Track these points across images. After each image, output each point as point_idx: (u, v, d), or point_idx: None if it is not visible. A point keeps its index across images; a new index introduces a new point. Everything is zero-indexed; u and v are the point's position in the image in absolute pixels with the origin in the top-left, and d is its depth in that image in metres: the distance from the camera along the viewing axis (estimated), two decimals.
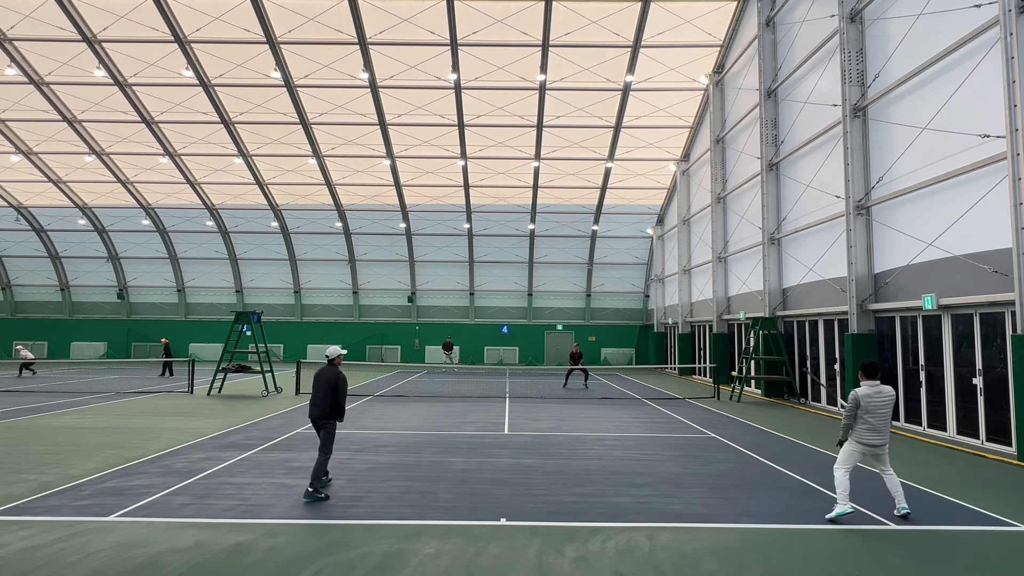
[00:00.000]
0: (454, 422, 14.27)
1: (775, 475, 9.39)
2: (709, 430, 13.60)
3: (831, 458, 10.55)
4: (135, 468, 9.47)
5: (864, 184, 15.18)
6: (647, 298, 37.78)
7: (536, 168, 30.55)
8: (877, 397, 6.90)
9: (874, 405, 6.90)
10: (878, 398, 6.90)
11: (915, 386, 13.52)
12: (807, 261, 18.23)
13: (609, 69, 25.05)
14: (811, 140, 17.77)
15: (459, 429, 13.33)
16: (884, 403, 6.91)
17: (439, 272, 37.64)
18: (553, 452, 10.99)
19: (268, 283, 38.11)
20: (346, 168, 31.62)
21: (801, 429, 13.80)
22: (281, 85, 25.80)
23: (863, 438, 6.99)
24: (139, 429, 13.00)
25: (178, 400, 18.13)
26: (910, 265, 13.52)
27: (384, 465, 9.82)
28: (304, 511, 7.33)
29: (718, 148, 25.20)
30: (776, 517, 7.29)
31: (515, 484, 8.69)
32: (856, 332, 14.90)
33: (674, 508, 7.63)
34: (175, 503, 7.62)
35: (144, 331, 38.02)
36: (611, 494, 8.22)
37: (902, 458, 10.57)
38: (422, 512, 7.36)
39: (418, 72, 25.34)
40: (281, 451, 10.81)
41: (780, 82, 19.73)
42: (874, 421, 6.92)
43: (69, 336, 38.19)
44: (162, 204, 34.91)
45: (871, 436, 6.96)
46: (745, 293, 22.78)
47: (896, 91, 14.10)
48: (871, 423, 6.93)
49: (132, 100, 26.80)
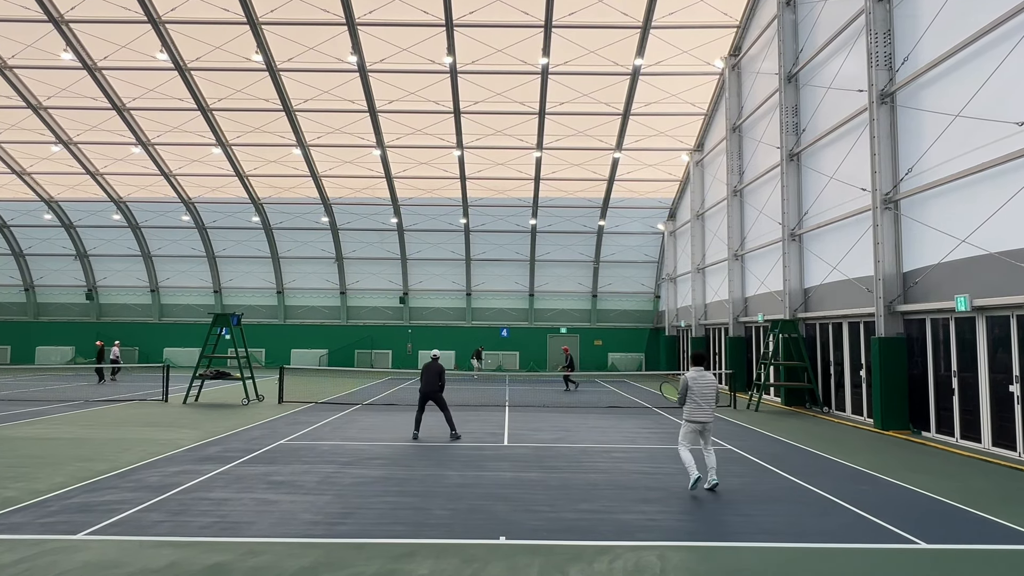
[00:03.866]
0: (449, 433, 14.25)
1: (796, 490, 9.38)
2: (725, 441, 13.58)
3: (857, 472, 10.57)
4: (105, 482, 9.46)
5: (892, 176, 15.19)
6: (658, 299, 37.80)
7: (538, 159, 30.57)
8: (701, 380, 9.04)
9: (698, 387, 9.01)
10: (702, 381, 9.03)
11: (947, 394, 13.53)
12: (830, 259, 18.23)
13: (617, 52, 25.06)
14: (835, 128, 17.76)
15: (455, 440, 13.34)
16: (706, 386, 9.02)
17: (433, 271, 37.67)
18: (556, 465, 10.98)
19: (249, 283, 38.14)
20: (333, 159, 31.64)
21: (824, 440, 13.79)
22: (263, 69, 25.81)
23: (691, 416, 9.06)
24: (110, 440, 12.98)
25: (151, 409, 18.12)
26: (942, 263, 13.52)
27: (374, 479, 9.82)
28: (287, 529, 7.33)
29: (734, 137, 25.20)
30: (797, 535, 7.29)
31: (515, 500, 8.68)
32: (883, 335, 14.91)
33: (687, 526, 7.62)
34: (148, 520, 7.61)
35: (115, 334, 37.97)
36: (619, 510, 8.21)
37: (932, 471, 10.58)
38: (415, 530, 7.35)
39: (411, 55, 25.35)
40: (263, 464, 10.80)
41: (801, 66, 19.73)
42: (700, 401, 9.01)
43: (34, 340, 38.22)
44: (134, 197, 34.93)
45: (697, 414, 9.05)
46: (764, 294, 22.78)
47: (926, 75, 14.10)
48: (697, 403, 9.02)
49: (102, 85, 26.80)
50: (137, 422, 15.56)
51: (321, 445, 12.66)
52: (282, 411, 17.86)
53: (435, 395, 13.53)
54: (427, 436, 13.82)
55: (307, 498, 8.66)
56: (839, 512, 8.22)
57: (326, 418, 16.49)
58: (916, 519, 7.87)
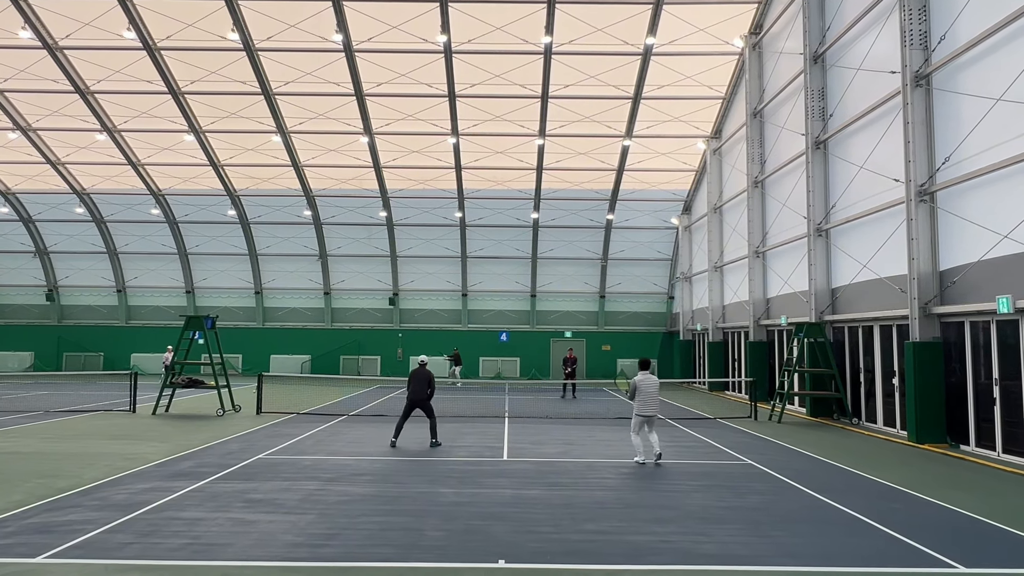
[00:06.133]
0: (444, 446, 14.28)
1: (823, 509, 9.39)
2: (745, 455, 13.60)
3: (890, 489, 10.58)
4: (67, 500, 9.46)
5: (928, 166, 15.19)
6: (671, 300, 37.82)
7: (540, 146, 30.59)
8: (646, 382, 12.40)
9: (644, 387, 12.38)
10: (647, 382, 12.39)
11: (988, 404, 13.53)
12: (860, 256, 18.24)
13: (627, 30, 25.06)
14: (865, 113, 17.77)
15: (449, 455, 13.33)
16: (650, 386, 12.36)
17: (426, 269, 37.68)
18: (560, 481, 10.99)
19: (224, 282, 38.15)
20: (316, 146, 31.65)
21: (853, 454, 13.80)
22: (240, 49, 25.81)
23: (640, 410, 12.41)
24: (72, 454, 12.98)
25: (118, 420, 18.12)
26: (982, 261, 13.52)
27: (361, 497, 9.82)
28: (266, 552, 7.32)
29: (755, 123, 25.21)
30: (823, 559, 7.29)
31: (515, 519, 8.69)
32: (918, 340, 14.91)
33: (703, 548, 7.62)
34: (114, 542, 7.60)
35: (78, 339, 38.03)
36: (629, 531, 8.22)
37: (971, 488, 10.59)
38: (406, 552, 7.35)
39: (401, 33, 25.36)
40: (239, 480, 10.81)
41: (828, 45, 19.73)
42: (645, 398, 12.34)
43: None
44: (99, 189, 34.93)
45: (643, 408, 12.38)
46: (787, 294, 22.78)
47: (965, 55, 14.09)
48: (643, 399, 12.35)
49: (63, 66, 26.81)
50: (102, 435, 15.53)
51: (303, 460, 12.65)
52: (261, 423, 17.85)
53: (424, 403, 14.21)
54: (419, 450, 13.84)
55: (288, 518, 8.66)
56: (869, 533, 8.21)
57: (309, 430, 16.49)
58: (954, 541, 7.87)
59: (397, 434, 14.37)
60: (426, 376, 14.34)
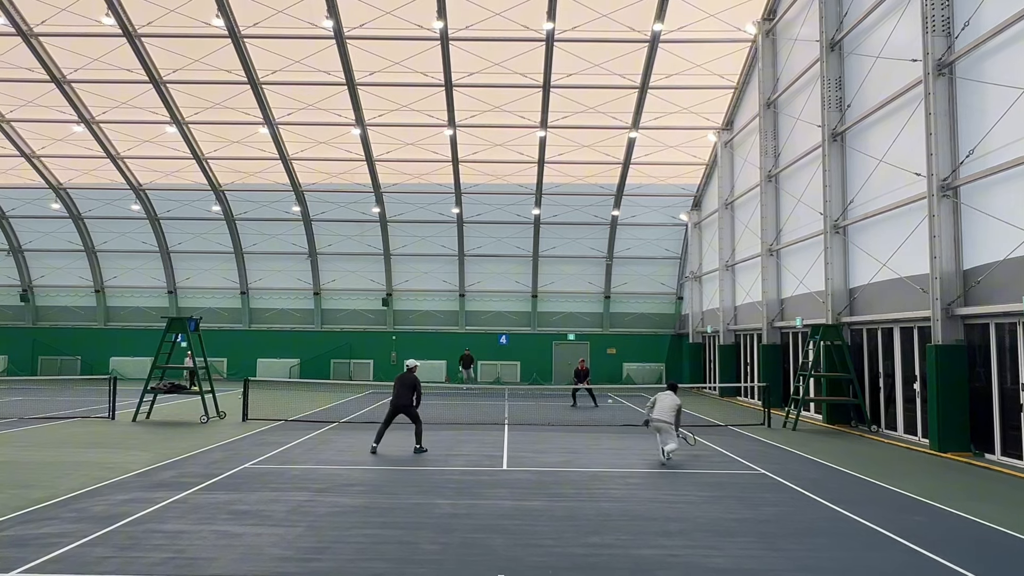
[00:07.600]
0: (440, 455, 14.29)
1: (840, 521, 9.40)
2: (757, 464, 13.62)
3: (911, 500, 10.59)
4: (42, 512, 9.46)
5: (951, 159, 15.19)
6: (680, 301, 37.85)
7: (542, 138, 30.60)
8: (662, 396, 13.79)
9: (658, 399, 13.80)
10: (662, 396, 13.78)
11: (1015, 410, 13.53)
12: (879, 255, 18.25)
13: (633, 15, 25.08)
14: (884, 104, 17.78)
15: (446, 464, 13.34)
16: (663, 399, 13.67)
17: (421, 268, 37.69)
18: (563, 492, 11.00)
19: (208, 282, 38.16)
20: (306, 139, 31.66)
21: (872, 463, 13.80)
22: (224, 35, 25.83)
23: (651, 416, 13.64)
24: (48, 464, 12.97)
25: (96, 427, 18.12)
26: (1008, 259, 13.52)
27: (352, 508, 9.83)
28: (252, 566, 7.33)
29: (768, 114, 25.22)
30: (842, 574, 7.29)
31: (515, 532, 8.69)
32: (940, 343, 14.91)
33: (713, 562, 7.63)
34: (92, 556, 7.60)
35: (54, 342, 38.03)
36: (635, 544, 8.23)
37: (997, 499, 10.59)
38: (400, 567, 7.35)
39: (395, 19, 25.37)
40: (224, 491, 10.81)
41: (846, 31, 19.74)
42: (657, 408, 13.63)
43: None
44: (76, 184, 34.94)
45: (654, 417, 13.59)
46: (803, 294, 22.79)
47: (990, 43, 14.10)
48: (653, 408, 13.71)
49: (38, 54, 26.82)
50: (80, 442, 15.53)
51: (292, 469, 12.66)
52: (247, 430, 17.86)
53: (408, 409, 14.44)
54: (413, 459, 13.85)
55: (276, 530, 8.67)
56: (889, 547, 8.22)
57: (297, 438, 16.50)
58: (979, 555, 7.87)
59: (378, 440, 14.52)
60: (411, 381, 14.55)
